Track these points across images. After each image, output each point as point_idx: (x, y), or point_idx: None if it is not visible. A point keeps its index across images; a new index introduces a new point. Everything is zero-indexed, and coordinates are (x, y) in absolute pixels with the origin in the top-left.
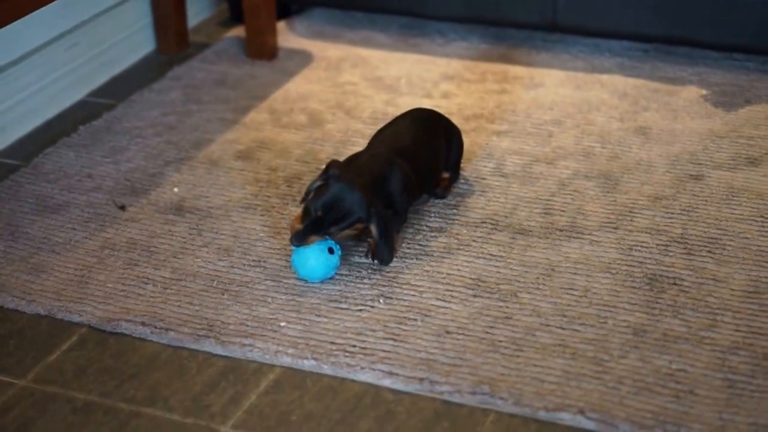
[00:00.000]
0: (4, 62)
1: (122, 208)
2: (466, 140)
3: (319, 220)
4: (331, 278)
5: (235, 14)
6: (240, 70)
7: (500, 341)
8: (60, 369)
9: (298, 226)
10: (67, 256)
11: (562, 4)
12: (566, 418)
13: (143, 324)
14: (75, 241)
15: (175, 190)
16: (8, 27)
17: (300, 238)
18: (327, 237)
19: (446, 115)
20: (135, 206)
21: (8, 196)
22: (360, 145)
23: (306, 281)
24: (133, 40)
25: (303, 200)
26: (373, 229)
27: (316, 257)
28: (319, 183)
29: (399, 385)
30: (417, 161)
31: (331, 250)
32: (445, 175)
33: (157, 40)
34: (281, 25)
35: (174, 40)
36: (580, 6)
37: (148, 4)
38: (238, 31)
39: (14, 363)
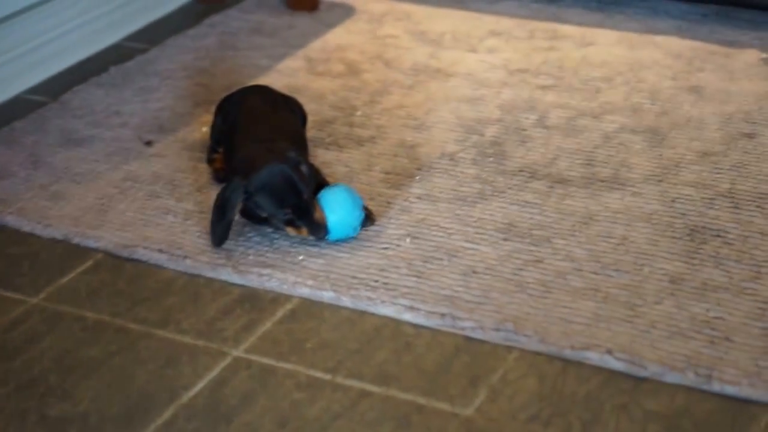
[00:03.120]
0: (34, 1)
1: (148, 143)
2: (509, 93)
3: (303, 204)
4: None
5: None
6: (278, 20)
7: (529, 283)
8: (73, 290)
9: (302, 231)
10: (88, 186)
11: None
12: (593, 357)
13: (160, 251)
14: (97, 172)
15: (204, 129)
16: None
17: (319, 227)
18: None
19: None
20: (162, 143)
21: (33, 128)
22: (398, 94)
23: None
24: None
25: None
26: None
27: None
28: (240, 193)
29: (420, 320)
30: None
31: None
32: None
33: None
34: None
35: None
36: None
37: None
38: None
39: (27, 282)
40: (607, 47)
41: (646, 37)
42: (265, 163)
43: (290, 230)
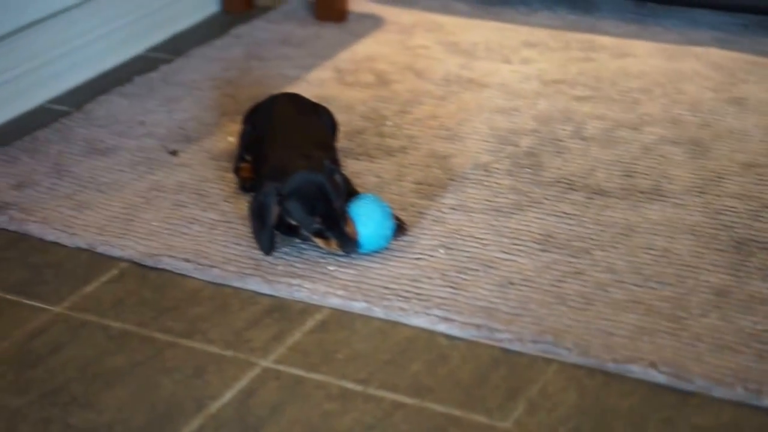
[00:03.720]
0: (58, 8)
1: (174, 153)
2: (545, 104)
3: (334, 214)
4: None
5: None
6: (306, 30)
7: (568, 294)
8: (97, 299)
9: (332, 243)
10: (113, 195)
11: None
12: (636, 370)
13: (186, 260)
14: (122, 182)
15: (230, 139)
16: None
17: (349, 241)
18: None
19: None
20: (187, 152)
21: (57, 138)
22: (429, 105)
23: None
24: None
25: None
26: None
27: (371, 218)
28: (274, 200)
29: (455, 331)
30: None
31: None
32: None
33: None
34: None
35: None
36: None
37: None
38: None
39: (50, 291)
40: (644, 58)
41: (686, 49)
42: (300, 169)
43: (319, 242)
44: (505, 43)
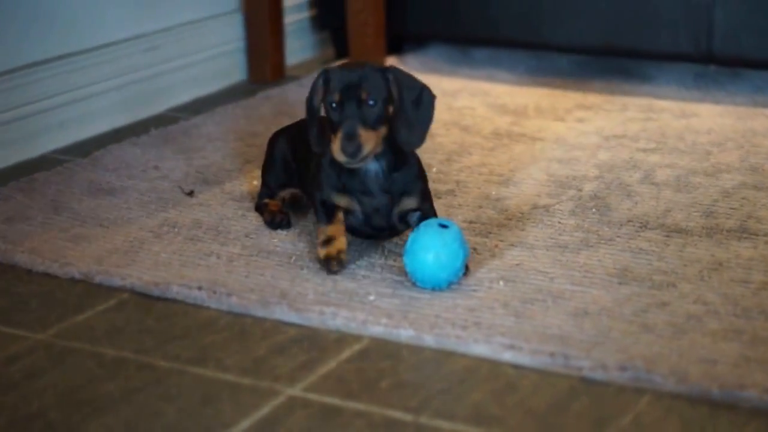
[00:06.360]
0: (66, 50)
1: (190, 194)
2: (607, 154)
3: (359, 96)
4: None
5: (341, 52)
6: None
7: (655, 324)
8: (89, 327)
9: (336, 137)
10: (117, 230)
11: (721, 31)
12: (749, 397)
13: (199, 288)
14: (129, 218)
15: (255, 183)
16: (78, 15)
17: (352, 140)
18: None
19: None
20: (206, 194)
21: (58, 180)
22: (478, 155)
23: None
24: (222, 63)
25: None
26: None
27: (435, 248)
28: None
29: (524, 359)
30: None
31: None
32: None
33: (249, 66)
34: (392, 60)
35: (269, 67)
36: (743, 32)
37: (242, 26)
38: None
39: (33, 319)
40: (711, 118)
41: (755, 110)
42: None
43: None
44: (556, 105)
